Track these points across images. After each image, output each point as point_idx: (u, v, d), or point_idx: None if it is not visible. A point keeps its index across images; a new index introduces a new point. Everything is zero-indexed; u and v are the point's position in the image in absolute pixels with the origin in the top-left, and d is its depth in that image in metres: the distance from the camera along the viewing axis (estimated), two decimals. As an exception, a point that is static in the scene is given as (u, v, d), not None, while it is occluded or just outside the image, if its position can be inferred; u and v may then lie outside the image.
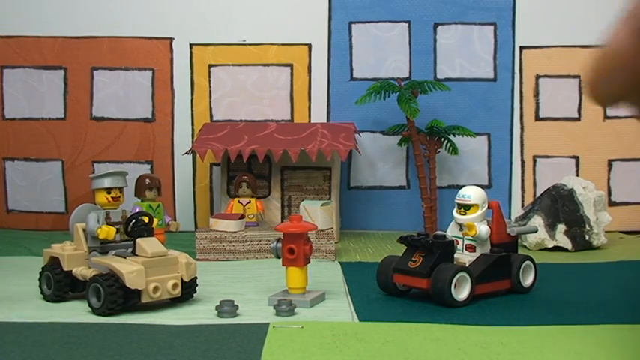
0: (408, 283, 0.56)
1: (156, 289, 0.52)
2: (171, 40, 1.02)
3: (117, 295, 0.51)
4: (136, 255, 0.54)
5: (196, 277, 0.56)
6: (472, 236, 0.57)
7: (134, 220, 0.55)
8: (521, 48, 1.02)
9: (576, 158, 1.00)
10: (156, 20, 1.01)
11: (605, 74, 0.40)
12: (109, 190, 0.56)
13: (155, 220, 0.57)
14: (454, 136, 0.97)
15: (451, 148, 0.97)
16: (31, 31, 1.01)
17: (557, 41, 1.01)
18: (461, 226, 0.58)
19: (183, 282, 0.54)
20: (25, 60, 1.01)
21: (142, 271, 0.52)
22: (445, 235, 0.57)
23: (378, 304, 0.55)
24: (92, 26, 1.01)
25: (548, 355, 0.42)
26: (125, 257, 0.54)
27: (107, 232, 0.54)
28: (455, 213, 0.58)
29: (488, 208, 0.58)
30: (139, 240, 0.54)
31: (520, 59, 1.02)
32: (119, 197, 0.56)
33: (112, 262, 0.53)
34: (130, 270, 0.51)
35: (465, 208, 0.57)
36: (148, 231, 0.55)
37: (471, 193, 0.57)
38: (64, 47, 1.01)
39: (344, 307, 0.54)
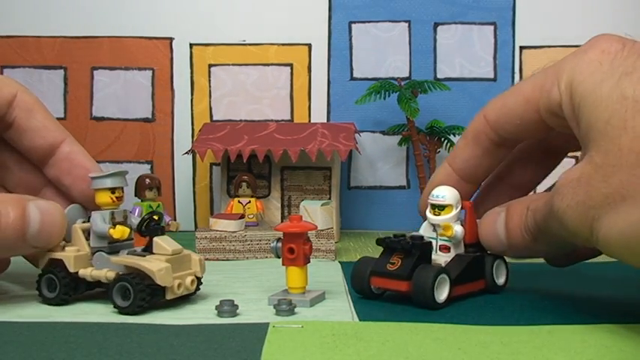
0: (387, 286, 0.55)
1: (179, 285, 0.53)
2: (171, 40, 1.02)
3: (145, 293, 0.52)
4: (153, 253, 0.54)
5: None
6: (448, 237, 0.56)
7: (147, 221, 0.55)
8: (521, 48, 1.02)
9: (576, 158, 1.00)
10: (156, 20, 1.01)
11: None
12: (112, 190, 0.56)
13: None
14: (454, 136, 0.97)
15: (451, 148, 0.97)
16: (31, 31, 1.01)
17: (557, 41, 1.01)
18: (434, 226, 0.57)
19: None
20: (25, 60, 1.01)
21: (170, 268, 0.53)
22: (423, 237, 0.56)
23: (378, 304, 0.55)
24: (92, 26, 1.01)
25: (548, 355, 0.41)
26: (145, 256, 0.54)
27: (122, 231, 0.55)
28: (428, 213, 0.57)
29: (461, 208, 0.58)
30: (156, 239, 0.55)
31: (520, 59, 1.02)
32: (122, 197, 0.56)
33: (139, 261, 0.53)
34: (159, 268, 0.52)
35: (439, 208, 0.56)
36: (161, 229, 0.56)
37: (445, 194, 0.56)
38: (64, 47, 1.01)
39: (344, 307, 0.54)
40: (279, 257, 0.56)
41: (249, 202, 0.84)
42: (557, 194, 0.47)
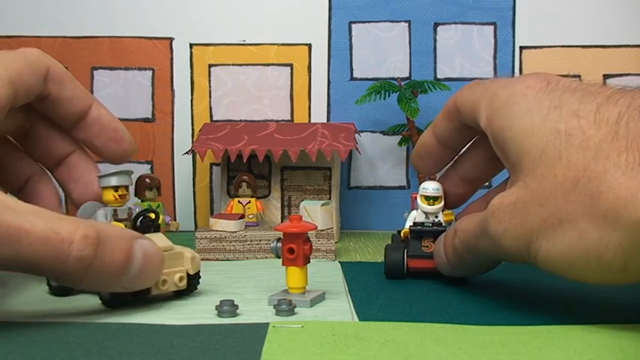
0: (426, 265, 0.64)
1: (164, 282, 0.54)
2: (171, 40, 1.02)
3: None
4: None
5: (199, 270, 0.58)
6: (448, 222, 0.66)
7: (142, 217, 0.57)
8: (521, 48, 1.02)
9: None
10: (156, 20, 1.01)
11: None
12: (115, 188, 0.59)
13: (161, 217, 0.59)
14: (454, 136, 0.96)
15: (451, 148, 0.97)
16: (31, 31, 1.01)
17: (557, 41, 1.01)
18: (426, 214, 0.66)
19: (188, 275, 0.56)
20: (25, 60, 1.01)
21: None
22: (441, 222, 0.66)
23: (378, 304, 0.55)
24: (92, 26, 1.01)
25: (548, 355, 0.42)
26: None
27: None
28: (423, 204, 0.66)
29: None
30: (146, 235, 0.55)
31: (520, 59, 1.02)
32: (125, 195, 0.59)
33: None
34: None
35: (434, 199, 0.66)
36: (155, 227, 0.57)
37: (438, 187, 0.66)
38: (64, 47, 1.01)
39: (344, 307, 0.54)
40: (279, 257, 0.56)
41: (249, 202, 0.84)
42: (493, 218, 0.50)
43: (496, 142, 0.53)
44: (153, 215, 0.57)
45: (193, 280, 0.57)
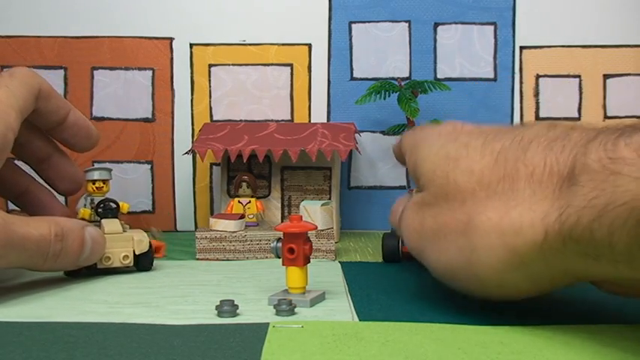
0: None
1: (107, 258, 0.66)
2: (171, 40, 1.02)
3: None
4: None
5: (151, 253, 0.69)
6: None
7: (103, 204, 0.69)
8: (521, 48, 1.02)
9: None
10: (156, 20, 1.01)
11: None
12: (93, 182, 0.71)
13: (126, 206, 0.71)
14: (454, 136, 0.96)
15: (451, 148, 0.97)
16: (31, 31, 1.01)
17: (557, 41, 1.01)
18: None
19: (138, 255, 0.68)
20: (25, 60, 1.01)
21: None
22: None
23: (378, 304, 0.55)
24: (92, 26, 1.01)
25: (548, 355, 0.42)
26: None
27: (83, 213, 0.71)
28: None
29: None
30: (103, 220, 0.68)
31: (520, 59, 1.02)
32: (102, 187, 0.71)
33: None
34: None
35: None
36: (112, 213, 0.68)
37: None
38: (64, 47, 1.01)
39: (344, 307, 0.54)
40: (279, 257, 0.56)
41: (249, 202, 0.84)
42: (402, 218, 0.57)
43: (411, 175, 0.59)
44: (113, 204, 0.69)
45: (144, 260, 0.68)
